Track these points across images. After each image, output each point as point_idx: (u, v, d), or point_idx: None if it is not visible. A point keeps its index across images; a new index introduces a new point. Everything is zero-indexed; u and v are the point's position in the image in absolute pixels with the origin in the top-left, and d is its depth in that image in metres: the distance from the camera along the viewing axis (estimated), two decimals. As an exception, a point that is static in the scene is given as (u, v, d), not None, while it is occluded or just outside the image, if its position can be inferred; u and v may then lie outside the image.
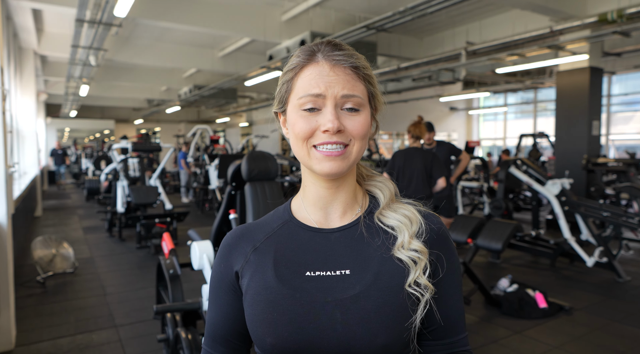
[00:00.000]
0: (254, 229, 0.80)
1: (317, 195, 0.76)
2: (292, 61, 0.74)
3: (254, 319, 0.71)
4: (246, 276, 0.75)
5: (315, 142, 0.70)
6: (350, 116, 0.70)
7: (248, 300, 0.73)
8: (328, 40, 0.74)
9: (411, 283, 0.70)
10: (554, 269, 4.75)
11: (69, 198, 11.31)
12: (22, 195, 5.09)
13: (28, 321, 3.33)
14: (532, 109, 15.39)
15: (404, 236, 0.73)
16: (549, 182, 4.90)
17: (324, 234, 0.75)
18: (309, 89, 0.70)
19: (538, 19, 6.64)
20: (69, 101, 13.14)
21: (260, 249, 0.76)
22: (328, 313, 0.69)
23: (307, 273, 0.72)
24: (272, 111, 0.80)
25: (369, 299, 0.69)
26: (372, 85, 0.74)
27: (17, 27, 6.72)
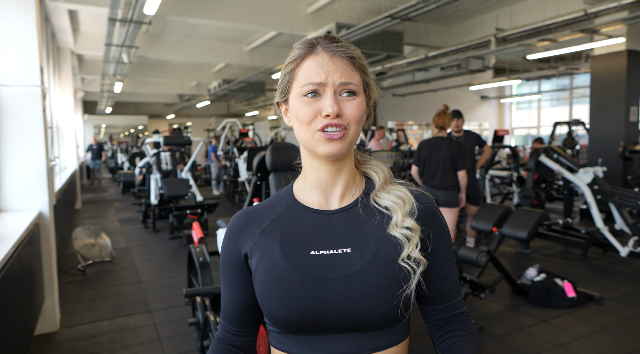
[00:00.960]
0: (259, 211, 0.86)
1: (318, 179, 0.82)
2: (294, 53, 0.80)
3: (265, 295, 0.78)
4: (255, 256, 0.81)
5: (317, 126, 0.76)
6: (348, 101, 0.76)
7: (258, 278, 0.79)
8: (325, 34, 0.81)
9: (404, 257, 0.77)
10: (585, 259, 4.64)
11: (106, 192, 11.78)
12: (62, 188, 5.37)
13: (70, 306, 3.55)
14: (568, 96, 14.86)
15: (397, 215, 0.80)
16: (580, 170, 4.78)
17: (326, 216, 0.82)
18: (310, 78, 0.76)
19: (570, 2, 6.41)
20: (104, 97, 13.64)
21: (267, 231, 0.82)
22: (333, 287, 0.75)
23: (312, 252, 0.78)
24: (275, 100, 0.86)
25: (369, 274, 0.76)
26: (366, 75, 0.81)
27: (55, 28, 7.03)
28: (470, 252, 3.12)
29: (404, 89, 13.67)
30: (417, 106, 14.71)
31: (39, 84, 2.99)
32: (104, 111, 17.77)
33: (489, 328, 3.02)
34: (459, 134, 4.63)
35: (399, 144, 10.59)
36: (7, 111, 2.91)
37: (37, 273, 2.87)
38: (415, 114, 15.30)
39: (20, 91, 2.93)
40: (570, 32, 6.12)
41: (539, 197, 6.36)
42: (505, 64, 9.40)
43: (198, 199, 6.67)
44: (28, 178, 3.01)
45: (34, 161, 3.01)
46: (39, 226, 3.01)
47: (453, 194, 3.79)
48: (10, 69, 2.91)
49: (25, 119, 2.96)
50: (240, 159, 8.64)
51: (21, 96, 2.94)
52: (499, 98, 16.89)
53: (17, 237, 2.29)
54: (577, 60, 10.13)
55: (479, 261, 3.05)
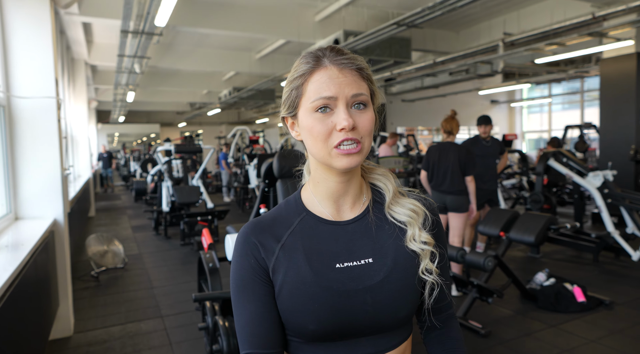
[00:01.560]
0: (272, 223, 0.84)
1: (330, 189, 0.83)
2: (300, 68, 0.79)
3: (294, 311, 0.77)
4: (279, 272, 0.79)
5: (334, 142, 0.75)
6: (360, 113, 0.77)
7: (285, 294, 0.78)
8: (330, 46, 0.81)
9: (423, 270, 0.82)
10: (597, 263, 4.60)
11: (119, 199, 11.95)
12: (76, 196, 5.48)
13: (84, 311, 3.63)
14: (579, 99, 14.72)
15: (414, 229, 0.83)
16: (590, 174, 4.75)
17: (342, 227, 0.83)
18: (321, 92, 0.75)
19: (578, 6, 6.40)
20: (117, 107, 13.88)
21: (287, 246, 0.81)
22: (361, 298, 0.78)
23: (337, 265, 0.80)
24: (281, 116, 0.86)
25: (392, 283, 0.80)
26: (372, 84, 0.82)
27: (69, 40, 7.21)
28: (477, 257, 3.12)
29: (413, 94, 13.68)
30: (426, 111, 14.69)
31: (54, 96, 3.09)
32: (117, 119, 18.05)
33: (497, 333, 3.02)
34: (487, 139, 4.64)
35: (409, 149, 10.60)
36: (24, 122, 3.01)
37: (52, 278, 2.95)
38: (425, 119, 15.28)
39: (36, 103, 3.04)
40: (578, 36, 6.10)
41: (550, 202, 6.31)
42: (514, 68, 9.36)
43: (209, 206, 6.75)
44: (43, 187, 3.10)
45: (49, 170, 3.11)
46: (53, 233, 3.09)
47: (462, 199, 3.77)
48: (27, 81, 3.02)
49: (40, 130, 3.06)
50: (250, 166, 8.72)
51: (37, 107, 3.04)
52: (509, 102, 16.79)
53: (32, 244, 2.37)
54: (588, 63, 10.05)
55: (486, 266, 3.05)
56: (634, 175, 6.41)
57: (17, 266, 2.00)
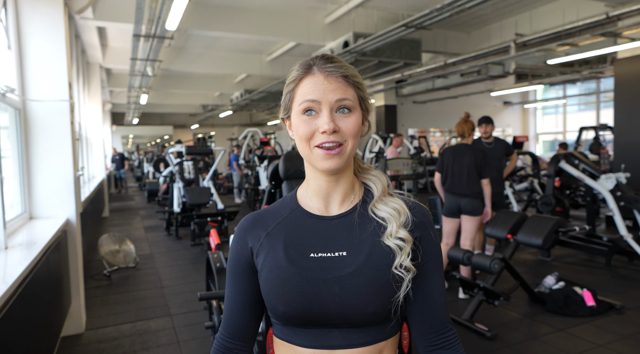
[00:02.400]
0: (265, 215, 0.93)
1: (319, 187, 0.89)
2: (293, 75, 0.87)
3: (268, 292, 0.86)
4: (261, 255, 0.88)
5: (315, 142, 0.83)
6: (344, 118, 0.83)
7: (263, 276, 0.87)
8: (322, 54, 0.88)
9: (397, 266, 0.83)
10: (609, 267, 4.53)
11: (133, 200, 12.12)
12: (89, 197, 5.59)
13: (95, 309, 3.70)
14: (595, 100, 14.50)
15: (392, 226, 0.86)
16: (602, 176, 4.69)
17: (325, 221, 0.89)
18: (307, 96, 0.83)
19: (591, 6, 6.32)
20: (131, 109, 14.09)
21: (272, 234, 0.89)
22: (329, 287, 0.83)
23: (312, 255, 0.86)
24: (279, 117, 0.94)
25: (362, 276, 0.83)
26: (361, 91, 0.87)
27: (84, 44, 7.36)
28: (483, 260, 3.11)
29: (424, 96, 13.63)
30: (438, 112, 14.62)
31: (67, 99, 3.17)
32: (131, 121, 18.32)
33: (504, 336, 3.00)
34: (489, 140, 4.50)
35: (420, 151, 10.56)
36: (37, 125, 3.09)
37: (64, 277, 3.02)
38: (437, 121, 15.19)
39: (50, 106, 3.11)
40: (591, 36, 6.02)
41: (563, 204, 6.25)
42: (527, 69, 9.27)
43: (219, 207, 6.82)
44: (56, 187, 3.17)
45: (62, 171, 3.18)
46: (66, 232, 3.17)
47: (477, 202, 3.69)
48: (41, 85, 3.10)
49: (54, 132, 3.14)
50: (261, 168, 8.79)
51: (50, 110, 3.12)
52: (523, 103, 16.61)
53: (45, 242, 2.43)
54: (603, 64, 9.91)
55: (492, 268, 3.04)
56: (649, 177, 6.30)
57: (29, 264, 2.06)
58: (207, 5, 6.50)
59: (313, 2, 6.71)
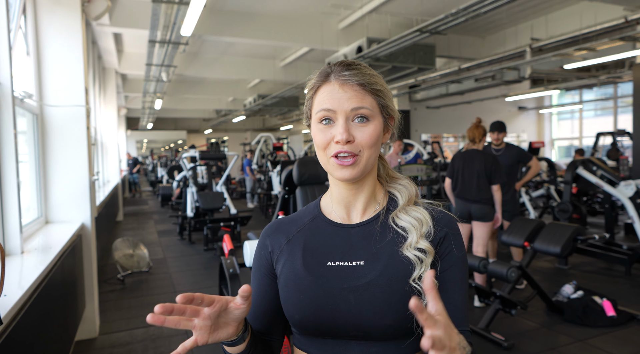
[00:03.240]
0: (288, 222, 0.94)
1: (341, 195, 0.88)
2: (311, 83, 0.87)
3: (285, 300, 0.86)
4: (280, 262, 0.89)
5: (331, 152, 0.81)
6: (360, 127, 0.81)
7: (281, 283, 0.87)
8: (341, 61, 0.86)
9: (415, 278, 0.80)
10: (629, 276, 4.42)
11: (147, 204, 12.23)
12: (104, 201, 5.65)
13: (109, 314, 3.72)
14: (612, 105, 14.25)
15: (413, 236, 0.83)
16: (621, 183, 4.59)
17: (346, 229, 0.88)
18: (322, 105, 0.82)
19: (609, 10, 6.22)
20: (145, 114, 14.27)
21: (292, 241, 0.90)
22: (344, 297, 0.81)
23: (329, 263, 0.85)
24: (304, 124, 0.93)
25: (378, 286, 0.80)
26: (382, 98, 0.84)
27: (101, 50, 7.48)
28: (500, 267, 3.05)
29: (438, 101, 13.54)
30: (452, 117, 14.50)
31: (83, 104, 3.20)
32: (146, 126, 18.55)
33: (521, 346, 2.93)
34: (500, 147, 4.30)
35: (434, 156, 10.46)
36: (54, 130, 3.13)
37: (78, 281, 3.04)
38: (451, 126, 15.07)
39: (66, 111, 3.15)
40: (609, 41, 5.92)
41: (580, 211, 6.12)
42: (542, 74, 9.15)
43: (232, 212, 6.83)
44: (72, 192, 3.21)
45: (77, 176, 3.22)
46: (81, 236, 3.19)
47: (487, 208, 3.65)
48: (58, 90, 3.14)
49: (70, 137, 3.17)
50: (273, 173, 8.80)
51: (67, 116, 3.16)
52: (538, 109, 16.40)
53: (60, 247, 2.45)
54: (621, 69, 9.73)
55: (509, 277, 2.98)
56: (670, 184, 6.14)
57: (45, 268, 2.07)
58: (221, 11, 6.56)
59: (327, 7, 6.73)
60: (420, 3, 6.48)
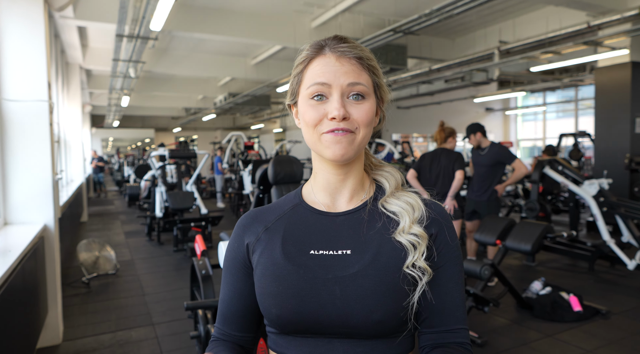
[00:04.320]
0: (266, 211, 0.87)
1: (327, 181, 0.81)
2: (302, 55, 0.79)
3: (262, 292, 0.78)
4: (257, 251, 0.81)
5: (323, 129, 0.75)
6: (356, 104, 0.75)
7: (257, 274, 0.79)
8: (335, 35, 0.80)
9: (409, 265, 0.74)
10: (592, 272, 4.58)
11: (112, 204, 11.84)
12: (68, 201, 5.41)
13: (74, 319, 3.55)
14: (574, 108, 14.83)
15: (405, 221, 0.77)
16: (585, 182, 4.75)
17: (331, 217, 0.81)
18: (316, 78, 0.75)
19: (573, 15, 6.45)
20: (111, 111, 13.82)
21: (271, 229, 0.82)
22: (328, 288, 0.74)
23: (312, 252, 0.77)
24: (286, 103, 0.85)
25: (367, 277, 0.73)
26: (376, 76, 0.79)
27: (64, 44, 7.16)
28: (473, 265, 3.09)
29: (409, 101, 13.72)
30: (421, 118, 14.74)
31: (46, 99, 3.04)
32: (112, 124, 17.97)
33: (493, 342, 2.98)
34: (485, 145, 4.23)
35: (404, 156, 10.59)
36: (15, 126, 2.96)
37: (41, 285, 2.88)
38: (420, 126, 15.32)
39: (28, 106, 2.99)
40: (573, 45, 6.14)
41: (545, 210, 6.31)
42: (510, 76, 9.41)
43: (202, 212, 6.69)
44: (34, 191, 3.04)
45: (39, 175, 3.05)
46: (43, 238, 3.03)
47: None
48: (19, 84, 2.97)
49: (32, 134, 3.01)
50: (245, 172, 8.68)
51: (28, 111, 2.99)
52: (504, 110, 16.88)
53: (21, 250, 2.31)
54: (582, 72, 10.13)
55: (483, 274, 3.03)
56: (629, 183, 6.43)
57: (4, 273, 1.95)
58: (192, 6, 6.41)
59: (300, 5, 6.68)
60: (393, 3, 6.52)
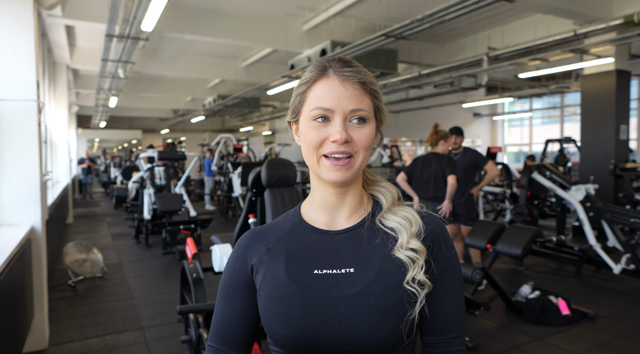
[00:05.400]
0: (266, 231, 0.87)
1: (325, 200, 0.82)
2: (306, 75, 0.80)
3: (267, 313, 0.78)
4: (260, 273, 0.81)
5: (324, 151, 0.76)
6: (357, 128, 0.77)
7: (262, 296, 0.80)
8: (339, 57, 0.81)
9: (409, 280, 0.76)
10: (579, 276, 4.65)
11: (99, 206, 11.68)
12: (54, 203, 5.32)
13: (60, 323, 3.49)
14: (559, 114, 15.08)
15: (403, 236, 0.79)
16: (572, 187, 4.82)
17: (331, 236, 0.82)
18: (319, 102, 0.76)
19: (561, 23, 6.56)
20: (98, 112, 13.63)
21: (273, 250, 0.83)
22: (334, 307, 0.75)
23: (315, 271, 0.78)
24: (286, 120, 0.87)
25: (371, 295, 0.75)
26: (377, 100, 0.81)
27: (51, 43, 7.06)
28: (464, 269, 3.12)
29: (398, 106, 13.81)
30: (410, 122, 14.85)
31: (34, 99, 2.99)
32: (98, 125, 17.73)
33: (484, 346, 3.00)
34: (458, 150, 4.50)
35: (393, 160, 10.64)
36: (2, 125, 2.91)
37: (27, 288, 2.82)
38: (409, 131, 15.43)
39: (16, 106, 2.93)
40: (560, 52, 6.25)
41: (532, 214, 6.39)
42: (497, 82, 9.54)
43: (192, 215, 6.63)
44: (21, 193, 2.98)
45: (27, 176, 3.00)
46: (30, 241, 2.97)
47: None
48: (7, 83, 2.92)
49: (20, 134, 2.96)
50: (234, 175, 8.63)
51: (16, 111, 2.94)
52: (492, 115, 17.10)
53: (8, 252, 2.27)
54: (568, 79, 10.31)
55: (474, 278, 3.05)
56: (613, 189, 6.55)
57: (-8, 276, 1.90)
58: (183, 7, 6.37)
59: (291, 8, 6.69)
60: (384, 8, 6.57)
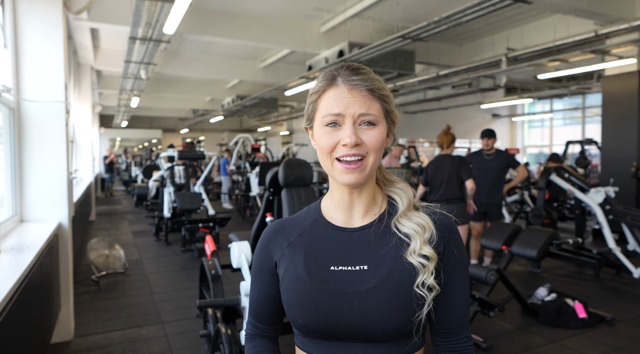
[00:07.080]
0: (288, 224, 0.94)
1: (342, 198, 0.88)
2: (317, 85, 0.86)
3: (289, 303, 0.86)
4: (282, 266, 0.89)
5: (337, 155, 0.82)
6: (367, 130, 0.82)
7: (284, 287, 0.88)
8: (347, 64, 0.85)
9: (419, 284, 0.81)
10: (598, 280, 4.59)
11: (120, 204, 11.95)
12: (79, 200, 5.49)
13: (84, 316, 3.62)
14: (581, 115, 14.80)
15: (416, 242, 0.84)
16: (592, 190, 4.77)
17: (347, 233, 0.88)
18: (330, 109, 0.82)
19: (581, 23, 6.47)
20: (120, 112, 13.95)
21: (294, 244, 0.90)
22: (348, 302, 0.82)
23: (332, 268, 0.85)
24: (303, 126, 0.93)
25: (383, 291, 0.81)
26: (387, 103, 0.85)
27: (76, 45, 7.28)
28: (479, 271, 3.13)
29: (416, 106, 13.76)
30: (428, 123, 14.76)
31: (63, 100, 3.12)
32: (120, 124, 18.13)
33: (498, 347, 3.01)
34: (490, 152, 4.70)
35: (410, 161, 10.62)
36: (32, 126, 3.04)
37: (54, 282, 2.95)
38: (427, 131, 15.34)
39: (45, 107, 3.06)
40: (581, 53, 6.16)
41: (551, 217, 6.32)
42: (517, 83, 9.43)
43: (210, 213, 6.75)
44: (49, 190, 3.11)
45: (55, 174, 3.13)
46: (58, 236, 3.10)
47: (454, 207, 3.91)
48: (37, 85, 3.05)
49: (48, 134, 3.08)
50: (252, 174, 8.74)
51: (45, 111, 3.07)
52: (511, 116, 16.88)
53: (39, 247, 2.38)
54: (589, 80, 10.12)
55: (488, 279, 3.06)
56: (635, 192, 6.43)
57: (25, 270, 2.01)
58: (203, 9, 6.50)
59: (309, 10, 6.75)
60: (402, 9, 6.58)
